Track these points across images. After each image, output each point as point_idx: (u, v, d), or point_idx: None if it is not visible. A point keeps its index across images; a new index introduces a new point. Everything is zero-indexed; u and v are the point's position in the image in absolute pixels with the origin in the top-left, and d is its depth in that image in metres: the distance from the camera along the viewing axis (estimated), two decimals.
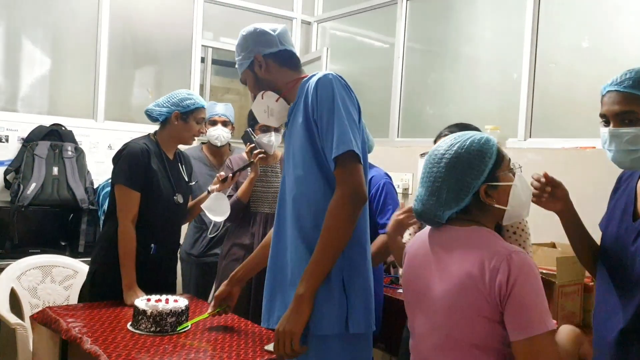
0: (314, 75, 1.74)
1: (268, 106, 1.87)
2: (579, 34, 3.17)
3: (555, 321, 1.36)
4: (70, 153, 3.66)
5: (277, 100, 1.85)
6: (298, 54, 1.70)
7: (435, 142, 2.37)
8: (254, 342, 2.08)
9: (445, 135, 2.30)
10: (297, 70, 1.89)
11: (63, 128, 3.75)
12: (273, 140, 3.00)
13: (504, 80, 3.57)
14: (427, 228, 1.58)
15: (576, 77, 3.20)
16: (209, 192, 2.72)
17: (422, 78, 4.17)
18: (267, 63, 1.85)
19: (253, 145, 2.94)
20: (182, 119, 2.61)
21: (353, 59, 4.88)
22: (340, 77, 1.72)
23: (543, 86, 3.33)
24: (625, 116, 1.51)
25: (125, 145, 2.58)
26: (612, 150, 1.56)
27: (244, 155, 3.15)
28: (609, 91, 1.57)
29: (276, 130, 3.01)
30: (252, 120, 3.06)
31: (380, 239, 2.48)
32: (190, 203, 2.80)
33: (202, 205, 2.67)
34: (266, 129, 2.99)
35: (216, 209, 2.67)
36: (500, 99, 3.62)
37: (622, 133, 1.52)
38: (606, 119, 1.57)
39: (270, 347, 2.00)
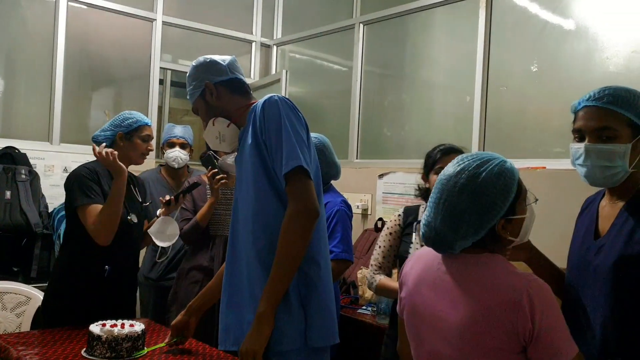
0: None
1: (220, 132, 1.91)
2: (528, 58, 3.30)
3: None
4: (23, 176, 3.58)
5: (228, 126, 1.90)
6: (257, 76, 1.73)
7: (427, 164, 2.28)
8: None
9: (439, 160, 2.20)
10: (247, 97, 1.95)
11: (17, 151, 3.67)
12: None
13: (458, 102, 3.67)
14: (423, 249, 1.52)
15: (526, 100, 3.31)
16: (157, 217, 2.69)
17: (379, 100, 4.25)
18: (218, 90, 1.91)
19: (215, 170, 2.90)
20: (127, 139, 2.59)
21: (312, 81, 4.94)
22: (286, 98, 1.77)
23: (495, 108, 3.44)
24: (604, 132, 1.50)
25: (72, 172, 2.55)
26: (587, 166, 1.53)
27: (203, 177, 3.14)
28: (585, 106, 1.54)
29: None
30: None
31: None
32: (145, 227, 2.76)
33: (149, 230, 2.64)
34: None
35: (163, 233, 2.64)
36: (454, 120, 3.71)
37: (600, 149, 1.50)
38: (581, 134, 1.55)
39: None
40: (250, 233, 1.74)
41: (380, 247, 2.35)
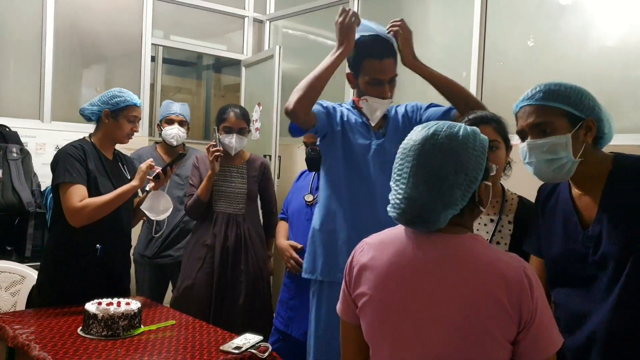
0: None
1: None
2: (525, 33, 3.26)
3: None
4: (15, 155, 3.54)
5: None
6: (250, 52, 1.72)
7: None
8: (209, 343, 2.06)
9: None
10: None
11: (7, 129, 3.62)
12: (233, 143, 3.05)
13: (454, 78, 3.59)
14: (383, 235, 1.36)
15: (522, 75, 3.29)
16: (147, 192, 2.67)
17: None
18: None
19: (214, 142, 2.96)
20: (112, 117, 2.55)
21: (306, 57, 4.89)
22: None
23: (491, 84, 3.41)
24: (541, 127, 1.55)
25: (59, 150, 2.53)
26: (532, 163, 1.58)
27: (203, 155, 3.15)
28: (521, 107, 1.61)
29: (239, 132, 3.04)
30: (217, 119, 3.11)
31: None
32: (135, 203, 2.75)
33: (142, 207, 2.63)
34: (229, 130, 3.02)
35: (156, 207, 2.63)
36: None
37: (541, 144, 1.55)
38: (523, 134, 1.61)
39: (225, 347, 1.99)
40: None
41: None
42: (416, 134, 1.29)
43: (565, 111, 1.54)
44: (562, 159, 1.53)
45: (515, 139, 2.02)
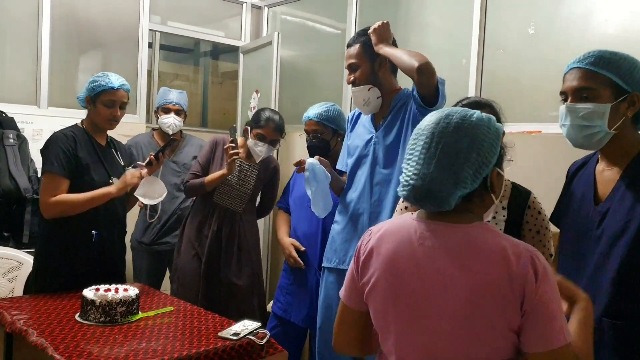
0: (407, 93, 2.35)
1: (369, 98, 2.35)
2: (525, 21, 3.24)
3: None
4: (12, 141, 3.52)
5: (377, 98, 2.35)
6: (248, 39, 1.72)
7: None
8: (207, 329, 2.07)
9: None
10: (396, 80, 2.43)
11: (4, 115, 3.60)
12: (264, 152, 2.95)
13: (454, 65, 3.61)
14: (389, 223, 1.36)
15: (522, 63, 3.27)
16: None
17: None
18: (385, 65, 2.34)
19: (233, 144, 2.86)
20: (92, 103, 2.53)
21: (304, 44, 4.86)
22: None
23: (491, 71, 3.39)
24: (583, 92, 1.53)
25: (51, 136, 2.51)
26: (566, 125, 1.57)
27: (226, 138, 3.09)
28: (571, 68, 1.59)
29: (271, 143, 2.95)
30: (252, 121, 3.00)
31: None
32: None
33: (135, 193, 2.62)
34: (262, 138, 2.92)
35: (150, 193, 2.63)
36: (450, 84, 3.64)
37: (578, 108, 1.53)
38: (565, 96, 1.58)
39: (224, 333, 1.99)
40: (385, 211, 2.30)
41: None
42: (429, 118, 1.29)
43: (611, 81, 1.52)
44: (595, 127, 1.53)
45: (508, 127, 2.02)
